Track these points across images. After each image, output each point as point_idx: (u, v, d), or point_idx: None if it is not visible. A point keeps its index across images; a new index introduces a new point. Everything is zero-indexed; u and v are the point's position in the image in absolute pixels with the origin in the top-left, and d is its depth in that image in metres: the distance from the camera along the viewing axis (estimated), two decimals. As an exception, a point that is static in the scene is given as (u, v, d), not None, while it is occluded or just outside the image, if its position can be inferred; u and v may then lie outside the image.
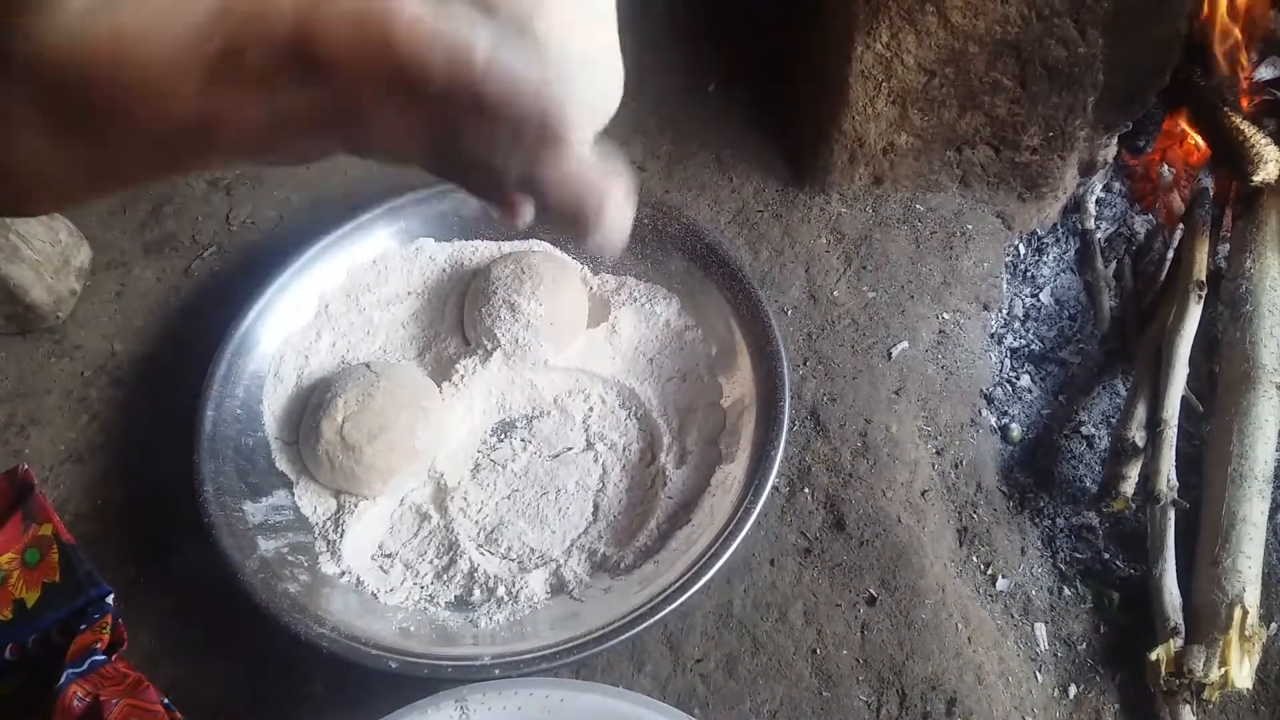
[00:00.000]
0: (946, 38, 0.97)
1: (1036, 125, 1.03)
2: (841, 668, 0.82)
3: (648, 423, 0.94)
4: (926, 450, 0.94)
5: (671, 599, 0.77)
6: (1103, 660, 0.86)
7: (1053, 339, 1.05)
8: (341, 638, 0.76)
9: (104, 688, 0.70)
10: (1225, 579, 0.83)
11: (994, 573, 0.89)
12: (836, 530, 0.89)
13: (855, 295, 1.03)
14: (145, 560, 0.87)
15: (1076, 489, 0.95)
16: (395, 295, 1.00)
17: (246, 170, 1.16)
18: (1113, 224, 1.15)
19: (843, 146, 1.07)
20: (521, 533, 0.87)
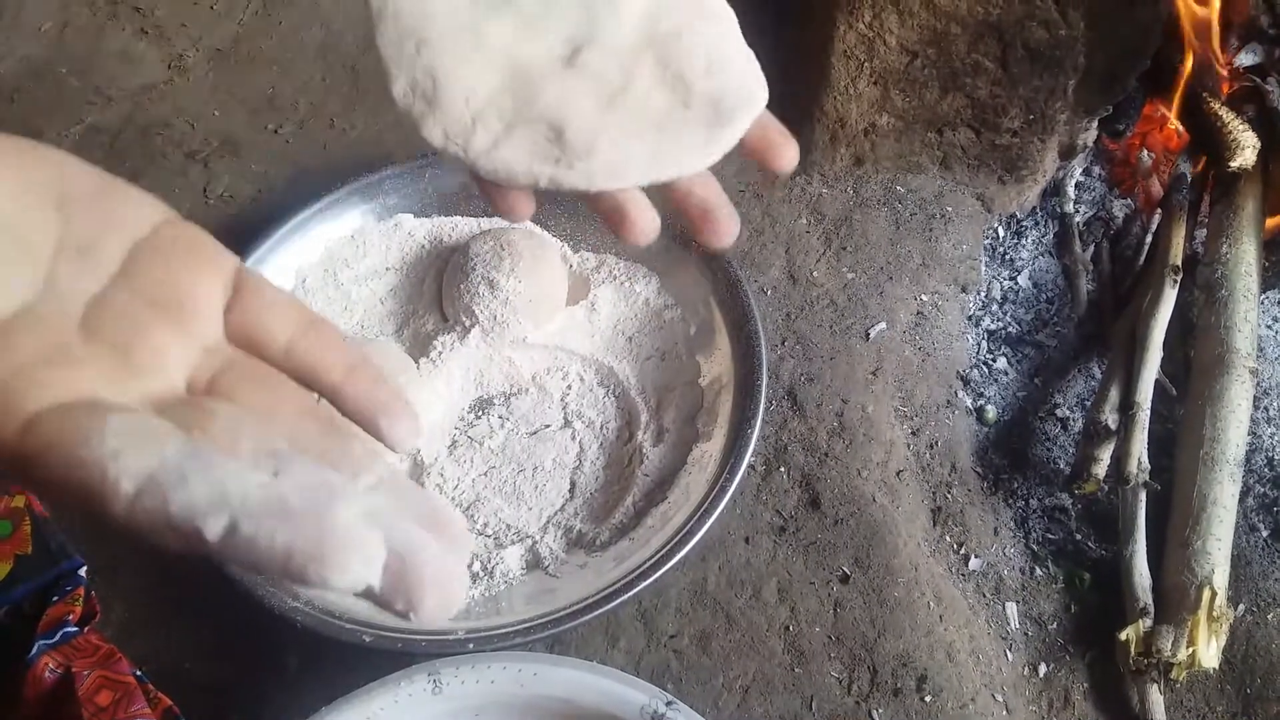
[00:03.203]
0: (928, 18, 0.97)
1: (1017, 107, 1.04)
2: (814, 644, 0.83)
3: (625, 401, 0.94)
4: (902, 431, 0.94)
5: (646, 575, 0.77)
6: (1073, 640, 0.87)
7: (1030, 322, 1.06)
8: (316, 611, 0.76)
9: (75, 659, 0.70)
10: (1195, 560, 0.84)
11: (967, 552, 0.90)
12: (811, 509, 0.89)
13: (834, 276, 1.03)
14: (118, 534, 0.87)
15: (1050, 470, 0.95)
16: (373, 271, 1.00)
17: (225, 142, 1.15)
18: (1091, 208, 1.16)
19: (824, 127, 1.07)
20: (498, 509, 0.88)
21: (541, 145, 0.43)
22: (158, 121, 1.17)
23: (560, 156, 0.42)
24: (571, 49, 0.43)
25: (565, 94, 0.43)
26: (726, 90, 0.43)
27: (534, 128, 0.43)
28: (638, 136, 0.43)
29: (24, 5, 1.28)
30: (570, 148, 0.42)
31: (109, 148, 1.15)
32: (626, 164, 0.42)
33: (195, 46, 1.24)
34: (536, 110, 0.43)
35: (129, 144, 1.15)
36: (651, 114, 0.43)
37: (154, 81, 1.21)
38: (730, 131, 0.44)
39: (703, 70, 0.43)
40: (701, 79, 0.43)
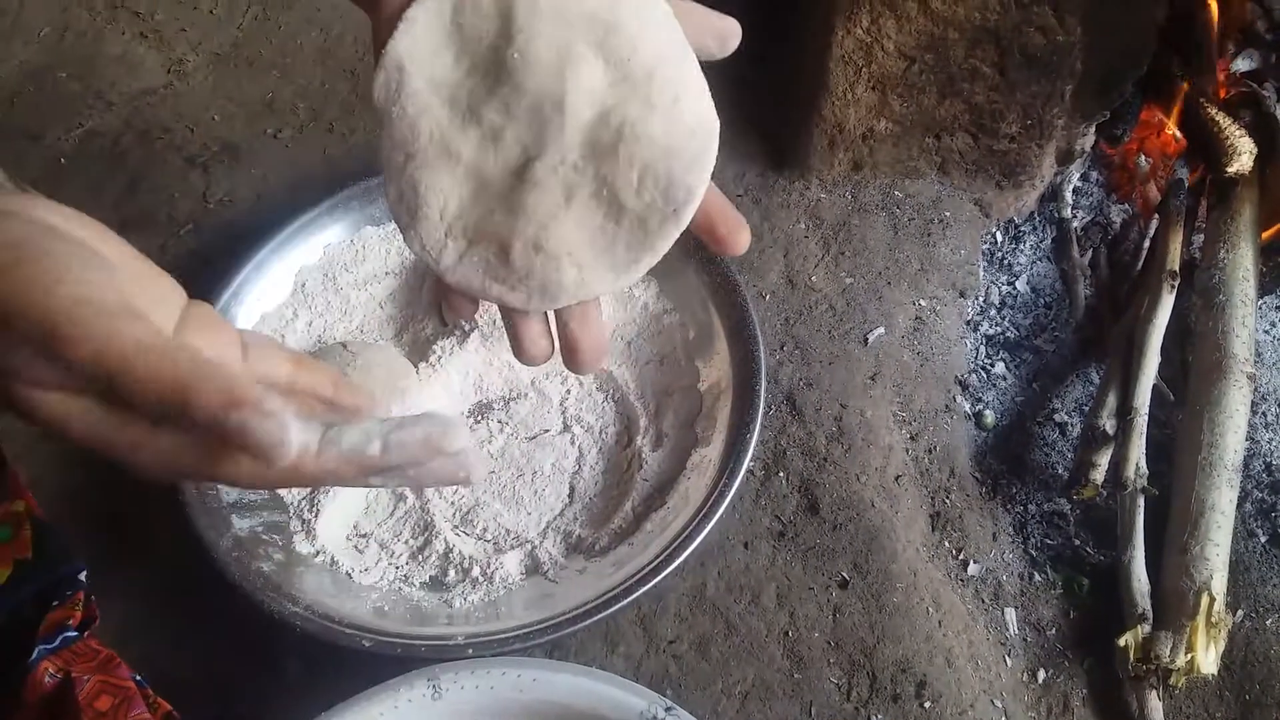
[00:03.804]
0: (926, 24, 0.97)
1: (1015, 113, 1.04)
2: (813, 650, 0.83)
3: (625, 406, 0.94)
4: (901, 436, 0.95)
5: (645, 581, 0.77)
6: (1072, 645, 0.87)
7: (1028, 327, 1.06)
8: (315, 617, 0.76)
9: (75, 664, 0.70)
10: (1193, 566, 0.84)
11: (965, 558, 0.90)
12: (810, 514, 0.89)
13: (833, 281, 1.04)
14: (119, 538, 0.87)
15: (1049, 475, 0.95)
16: (373, 275, 1.00)
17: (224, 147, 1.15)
18: (1089, 213, 1.16)
19: (822, 132, 1.07)
20: (497, 514, 0.88)
21: (492, 264, 0.48)
22: (157, 126, 1.17)
23: (505, 277, 0.48)
24: (524, 160, 0.48)
25: (514, 212, 0.47)
26: (653, 209, 0.47)
27: (487, 247, 0.48)
28: (571, 261, 0.47)
29: (23, 9, 1.28)
30: (513, 270, 0.48)
31: (109, 152, 1.15)
32: (558, 288, 0.48)
33: (195, 51, 1.25)
34: (491, 228, 0.48)
35: (129, 148, 1.15)
36: (586, 232, 0.47)
37: (154, 86, 1.21)
38: (649, 257, 0.48)
39: (634, 187, 0.47)
40: (631, 196, 0.47)
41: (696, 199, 0.47)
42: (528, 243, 0.47)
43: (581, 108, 0.47)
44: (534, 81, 0.48)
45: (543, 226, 0.47)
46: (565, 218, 0.47)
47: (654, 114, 0.48)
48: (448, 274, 0.49)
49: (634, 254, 0.47)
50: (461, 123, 0.48)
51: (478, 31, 0.48)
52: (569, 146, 0.47)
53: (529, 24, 0.47)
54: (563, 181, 0.47)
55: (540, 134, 0.48)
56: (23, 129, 1.17)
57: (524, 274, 0.47)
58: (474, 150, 0.48)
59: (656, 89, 0.48)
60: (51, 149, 1.15)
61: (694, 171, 0.47)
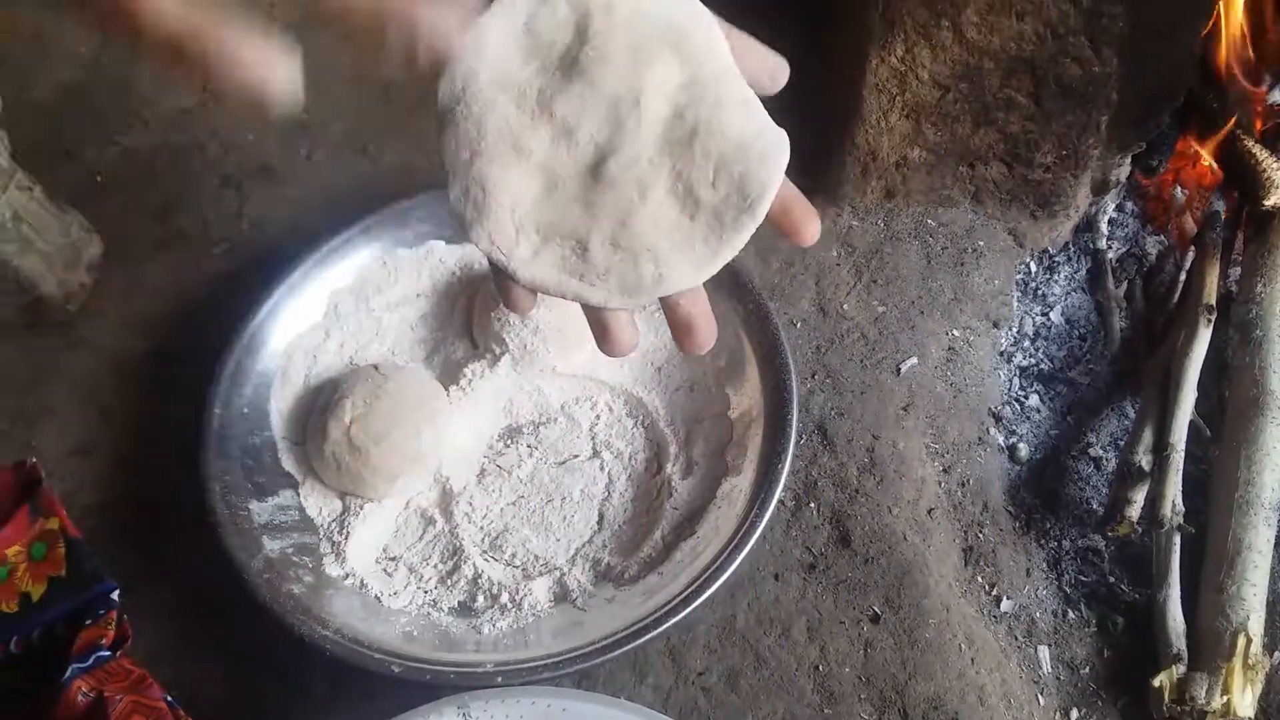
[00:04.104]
0: (961, 53, 0.97)
1: (1050, 143, 1.03)
2: (844, 685, 0.82)
3: (654, 432, 0.94)
4: (933, 468, 0.94)
5: (675, 611, 0.77)
6: (1106, 685, 0.86)
7: (1062, 358, 1.05)
8: (345, 640, 0.76)
9: (108, 683, 0.70)
10: (1230, 606, 0.83)
11: (999, 593, 0.89)
12: (842, 546, 0.89)
13: (865, 309, 1.03)
14: (151, 557, 0.87)
15: (1083, 511, 0.94)
16: (404, 297, 1.00)
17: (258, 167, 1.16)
18: (1125, 244, 1.15)
19: (855, 159, 1.07)
20: (526, 539, 0.87)
21: (570, 261, 0.48)
22: (192, 145, 1.18)
23: (584, 273, 0.48)
24: (599, 157, 0.47)
25: (590, 209, 0.47)
26: (729, 203, 0.47)
27: (563, 243, 0.48)
28: (649, 257, 0.47)
29: (63, 29, 1.29)
30: (592, 266, 0.47)
31: (145, 171, 1.15)
32: (638, 284, 0.47)
33: (230, 71, 1.25)
34: (568, 226, 0.48)
35: (164, 167, 1.16)
36: (663, 228, 0.47)
37: (189, 105, 1.22)
38: (726, 250, 0.48)
39: (710, 181, 0.47)
40: (707, 190, 0.47)
41: (771, 192, 0.47)
42: (605, 239, 0.47)
43: (657, 104, 0.48)
44: (610, 78, 0.48)
45: (619, 223, 0.47)
46: (641, 214, 0.47)
47: (726, 113, 0.48)
48: (522, 270, 0.48)
49: (711, 247, 0.47)
50: (531, 120, 0.48)
51: (551, 37, 0.49)
52: (645, 143, 0.47)
53: (605, 27, 0.48)
54: (637, 178, 0.47)
55: (616, 131, 0.47)
56: (60, 147, 1.18)
57: (603, 270, 0.47)
58: (545, 147, 0.48)
59: (727, 91, 0.48)
60: (88, 167, 1.16)
61: (767, 166, 0.47)
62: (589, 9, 0.48)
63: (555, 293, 0.48)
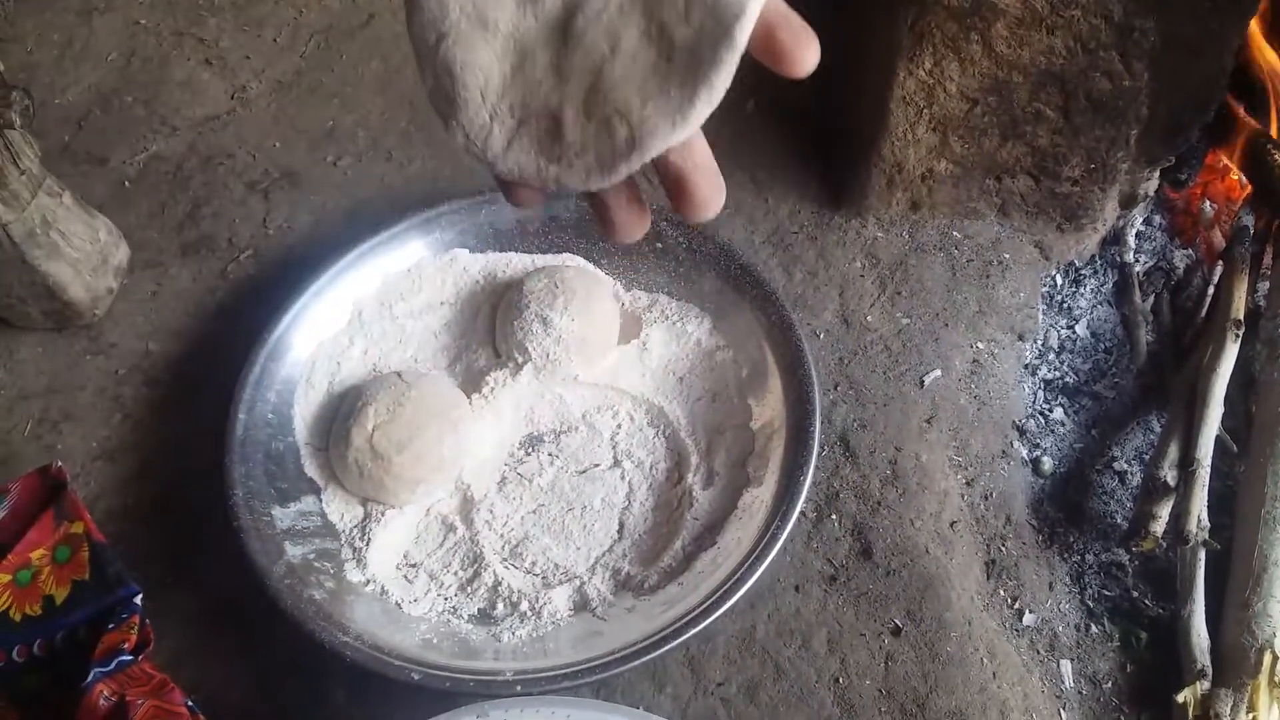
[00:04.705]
0: (990, 66, 0.96)
1: (1078, 156, 1.03)
2: (864, 698, 0.82)
3: (675, 442, 0.93)
4: (956, 481, 0.93)
5: (695, 622, 0.77)
6: (1128, 700, 0.85)
7: (1087, 372, 1.05)
8: (365, 647, 0.76)
9: (130, 688, 0.71)
10: (1255, 623, 0.82)
11: (1021, 607, 0.88)
12: (863, 558, 0.88)
13: (889, 321, 1.03)
14: (173, 561, 0.88)
15: (1107, 525, 0.94)
16: (428, 305, 1.00)
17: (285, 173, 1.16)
18: (1152, 258, 1.14)
19: (881, 171, 1.06)
20: (546, 548, 0.87)
21: (545, 143, 0.43)
22: (220, 151, 1.19)
23: (561, 155, 0.43)
24: (567, 13, 0.43)
25: (562, 76, 0.43)
26: (704, 34, 0.41)
27: (538, 123, 0.43)
28: (622, 121, 0.42)
29: (92, 34, 1.30)
30: (568, 145, 0.43)
31: (172, 176, 1.16)
32: (613, 156, 0.42)
33: (258, 78, 1.27)
34: (539, 101, 0.43)
35: (192, 173, 1.17)
36: (636, 81, 0.42)
37: (217, 112, 1.23)
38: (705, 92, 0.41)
39: (682, 14, 0.41)
40: (681, 27, 0.41)
41: (752, 12, 0.40)
42: (578, 108, 0.42)
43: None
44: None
45: (591, 86, 0.42)
46: (613, 69, 0.42)
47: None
48: (498, 163, 0.44)
49: (689, 91, 0.41)
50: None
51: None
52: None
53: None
54: (606, 28, 0.42)
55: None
56: (89, 152, 1.19)
57: (579, 147, 0.43)
58: (511, 16, 0.43)
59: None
60: (116, 172, 1.17)
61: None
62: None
63: (537, 183, 0.44)
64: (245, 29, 1.32)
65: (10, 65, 1.25)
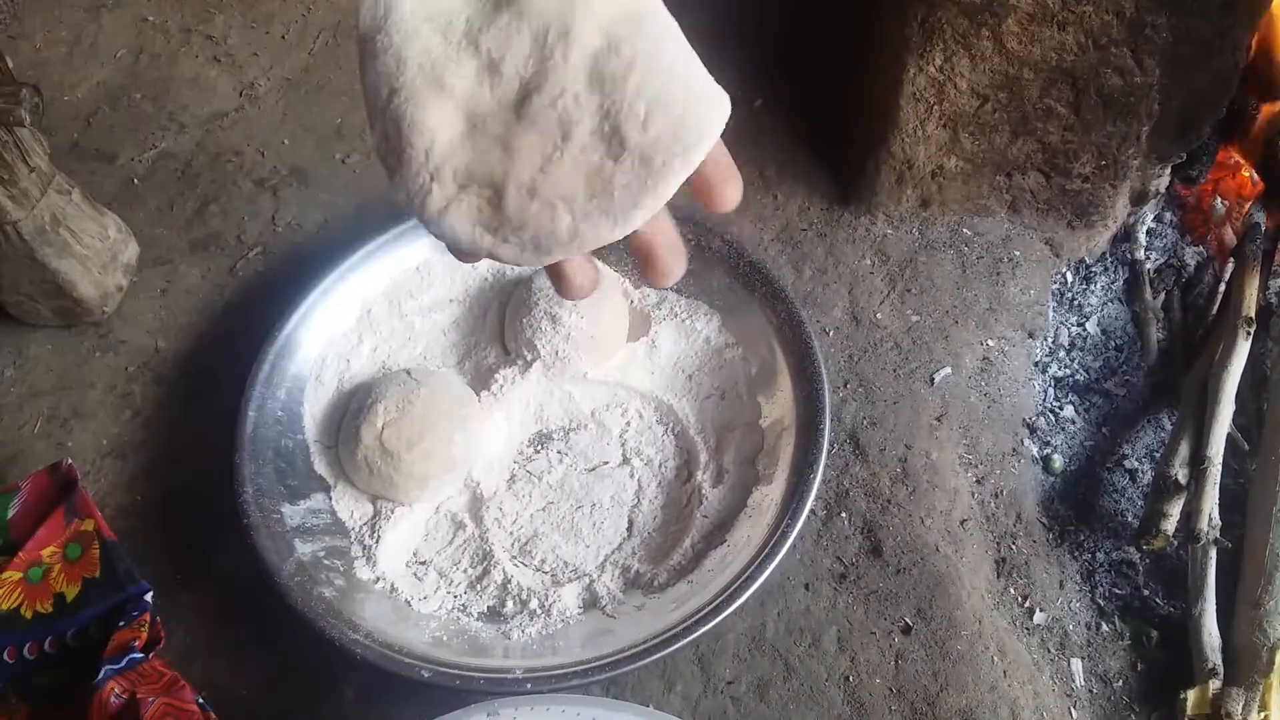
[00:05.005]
0: (1001, 63, 0.96)
1: (1089, 153, 1.02)
2: (874, 696, 0.81)
3: (685, 440, 0.93)
4: (967, 479, 0.93)
5: (705, 620, 0.77)
6: (1139, 699, 0.85)
7: (1098, 369, 1.04)
8: (375, 645, 0.76)
9: (140, 685, 0.71)
10: (1267, 621, 0.81)
11: (1031, 605, 0.88)
12: (873, 557, 0.88)
13: (899, 318, 1.03)
14: (183, 559, 0.88)
15: (1118, 523, 0.93)
16: (437, 302, 1.00)
17: (293, 171, 1.16)
18: (1163, 255, 1.14)
19: (891, 168, 1.06)
20: (555, 545, 0.87)
21: (485, 213, 0.43)
22: (228, 149, 1.19)
23: (498, 227, 0.43)
24: (523, 94, 0.43)
25: (510, 152, 0.43)
26: (659, 145, 0.42)
27: (480, 192, 0.43)
28: (565, 208, 0.42)
29: (101, 31, 1.30)
30: (506, 219, 0.43)
31: (181, 174, 1.16)
32: (552, 240, 0.43)
33: (266, 75, 1.27)
34: (484, 171, 0.43)
35: (200, 170, 1.17)
36: (583, 173, 0.42)
37: (225, 109, 1.23)
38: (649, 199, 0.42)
39: (640, 120, 0.42)
40: (637, 131, 0.42)
41: (709, 141, 0.42)
42: (522, 186, 0.42)
43: (590, 35, 0.42)
44: (540, 5, 0.43)
45: (539, 168, 0.42)
46: (562, 157, 0.42)
47: (668, 48, 0.43)
48: (432, 224, 0.43)
49: (634, 196, 0.42)
50: (456, 53, 0.43)
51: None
52: (572, 77, 0.42)
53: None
54: (560, 116, 0.42)
55: (542, 64, 0.43)
56: (97, 149, 1.19)
57: (517, 224, 0.42)
58: (469, 84, 0.43)
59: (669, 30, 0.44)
60: (125, 169, 1.17)
61: (708, 109, 0.42)
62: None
63: (468, 249, 0.44)
64: (253, 26, 1.31)
65: (19, 62, 1.25)
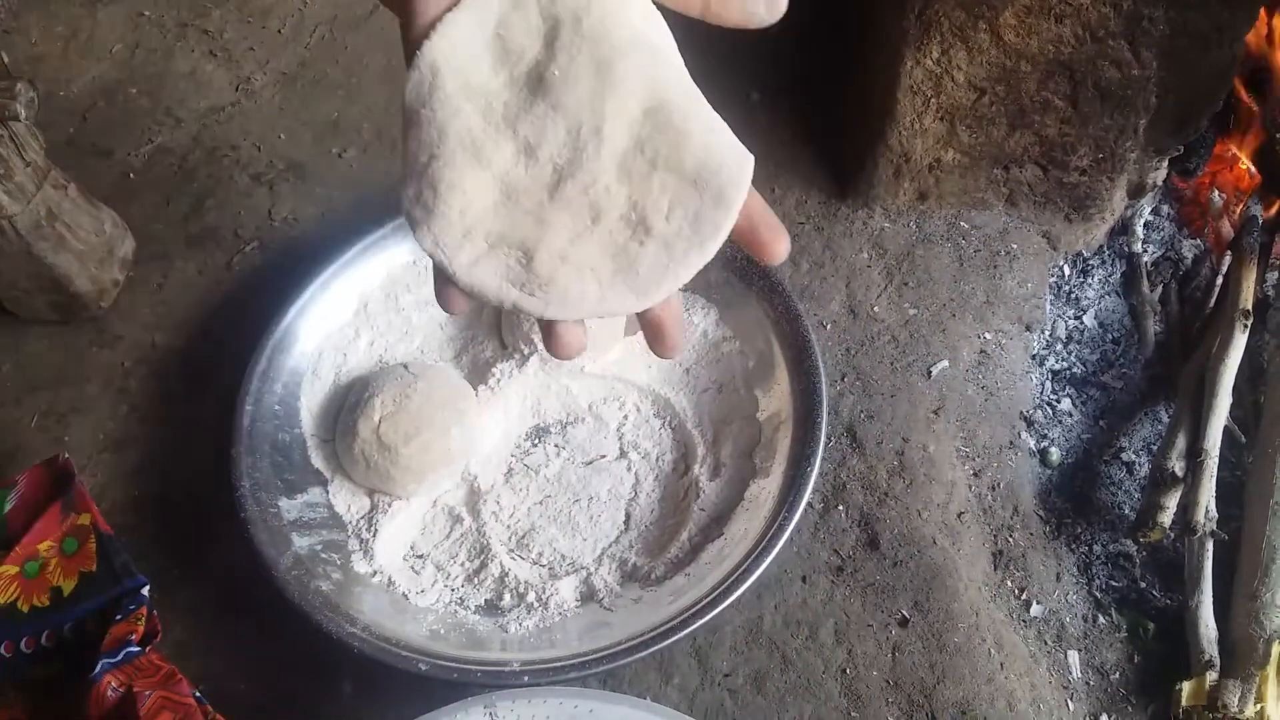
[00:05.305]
0: (998, 56, 0.96)
1: (1086, 146, 1.02)
2: (871, 689, 0.82)
3: (682, 433, 0.93)
4: (964, 471, 0.93)
5: (702, 613, 0.77)
6: (1136, 691, 0.85)
7: (1095, 362, 1.04)
8: (372, 638, 0.76)
9: (137, 679, 0.71)
10: (1263, 613, 0.82)
11: (1028, 598, 0.88)
12: (870, 549, 0.88)
13: (896, 311, 1.03)
14: (180, 553, 0.88)
15: (1115, 516, 0.93)
16: (434, 296, 1.00)
17: (290, 165, 1.16)
18: (1160, 248, 1.14)
19: (888, 161, 1.06)
20: (553, 539, 0.87)
21: (514, 270, 0.47)
22: (225, 143, 1.19)
23: (525, 283, 0.46)
24: (557, 179, 0.47)
25: (543, 223, 0.47)
26: (680, 235, 0.47)
27: (509, 252, 0.47)
28: (593, 276, 0.47)
29: (97, 26, 1.30)
30: (535, 276, 0.46)
31: (177, 168, 1.16)
32: (579, 300, 0.47)
33: (262, 70, 1.26)
34: (516, 236, 0.47)
35: (196, 165, 1.17)
36: (610, 251, 0.47)
37: (222, 103, 1.23)
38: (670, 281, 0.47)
39: (664, 214, 0.47)
40: (660, 222, 0.47)
41: (723, 234, 0.47)
42: (553, 253, 0.46)
43: (619, 136, 0.47)
44: (574, 101, 0.47)
45: (567, 240, 0.47)
46: (591, 236, 0.47)
47: (689, 142, 0.47)
48: (460, 274, 0.47)
49: (656, 276, 0.46)
50: (495, 133, 0.47)
51: (519, 45, 0.48)
52: (603, 170, 0.47)
53: (572, 41, 0.47)
54: (592, 202, 0.47)
55: (575, 155, 0.47)
56: (94, 144, 1.19)
57: (545, 281, 0.46)
58: (506, 161, 0.47)
59: (689, 118, 0.48)
60: (121, 164, 1.17)
61: (721, 208, 0.47)
62: (559, 19, 0.47)
63: (493, 300, 0.47)
64: (249, 20, 1.31)
65: (15, 57, 1.25)
